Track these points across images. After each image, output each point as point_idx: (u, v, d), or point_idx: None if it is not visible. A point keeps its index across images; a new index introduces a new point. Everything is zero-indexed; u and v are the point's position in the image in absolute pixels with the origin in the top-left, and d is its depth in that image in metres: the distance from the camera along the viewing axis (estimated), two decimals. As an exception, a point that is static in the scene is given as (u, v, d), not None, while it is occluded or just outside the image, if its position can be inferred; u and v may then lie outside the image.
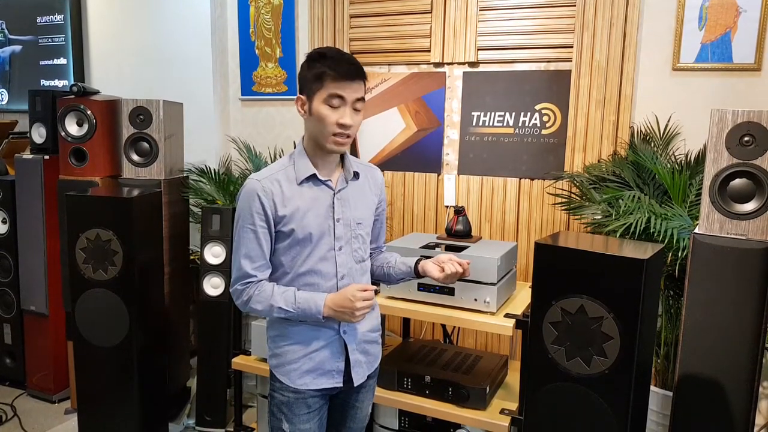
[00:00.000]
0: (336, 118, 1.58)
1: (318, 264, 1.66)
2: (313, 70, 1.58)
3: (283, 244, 1.65)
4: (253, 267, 1.64)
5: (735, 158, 1.84)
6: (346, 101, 1.58)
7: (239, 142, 3.41)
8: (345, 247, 1.70)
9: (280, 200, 1.62)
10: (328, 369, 1.71)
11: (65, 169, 3.12)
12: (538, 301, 1.87)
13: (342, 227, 1.69)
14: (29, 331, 3.36)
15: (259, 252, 1.64)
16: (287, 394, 1.71)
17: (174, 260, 3.04)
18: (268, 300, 1.63)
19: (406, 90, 3.13)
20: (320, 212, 1.66)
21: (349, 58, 1.61)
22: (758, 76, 2.48)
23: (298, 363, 1.69)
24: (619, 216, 2.27)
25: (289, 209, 1.62)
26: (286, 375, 1.70)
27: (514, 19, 2.84)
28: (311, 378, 1.70)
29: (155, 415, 2.83)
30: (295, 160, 1.68)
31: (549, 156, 2.86)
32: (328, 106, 1.57)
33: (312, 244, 1.65)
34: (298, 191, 1.64)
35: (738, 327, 1.83)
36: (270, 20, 3.42)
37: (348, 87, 1.57)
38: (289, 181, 1.65)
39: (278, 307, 1.62)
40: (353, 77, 1.58)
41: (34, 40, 3.96)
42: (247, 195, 1.62)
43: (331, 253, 1.68)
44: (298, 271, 1.66)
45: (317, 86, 1.57)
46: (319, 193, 1.67)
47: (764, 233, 1.82)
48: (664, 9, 2.60)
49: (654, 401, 2.33)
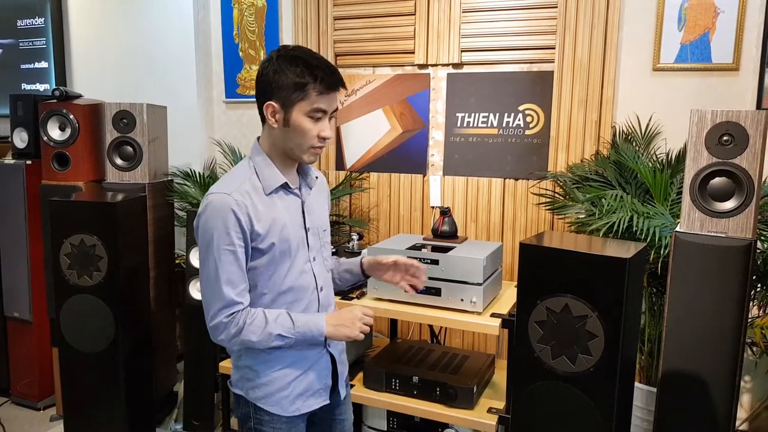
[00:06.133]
0: (317, 131, 1.47)
1: (298, 279, 1.55)
2: (292, 78, 1.43)
3: (259, 262, 1.50)
4: (236, 293, 1.47)
5: (714, 157, 1.87)
6: (327, 113, 1.49)
7: (224, 144, 3.40)
8: (317, 257, 1.62)
9: (254, 214, 1.46)
10: (317, 388, 1.63)
11: (48, 173, 3.09)
12: (523, 301, 1.89)
13: (312, 237, 1.60)
14: (13, 338, 3.32)
15: (240, 275, 1.47)
16: (279, 425, 1.58)
17: (159, 264, 3.03)
18: (264, 328, 1.47)
19: (391, 92, 3.14)
20: (294, 223, 1.55)
21: (333, 67, 1.49)
22: (736, 76, 2.53)
23: (289, 388, 1.57)
24: (602, 215, 2.29)
25: (266, 224, 1.48)
26: (277, 404, 1.57)
27: (497, 20, 2.86)
28: (302, 401, 1.60)
29: (142, 420, 2.81)
30: (257, 168, 1.52)
31: (533, 156, 2.88)
32: (310, 119, 1.46)
33: (291, 258, 1.53)
34: (269, 202, 1.51)
35: (719, 323, 1.86)
36: (253, 22, 3.41)
37: (333, 99, 1.48)
38: (257, 192, 1.49)
39: (277, 334, 1.48)
40: (337, 88, 1.48)
41: (15, 43, 3.91)
42: (218, 212, 1.43)
43: (308, 265, 1.58)
44: (280, 290, 1.54)
45: (298, 97, 1.44)
46: (289, 203, 1.55)
47: (744, 231, 1.85)
48: (644, 10, 2.64)
49: (638, 397, 2.36)
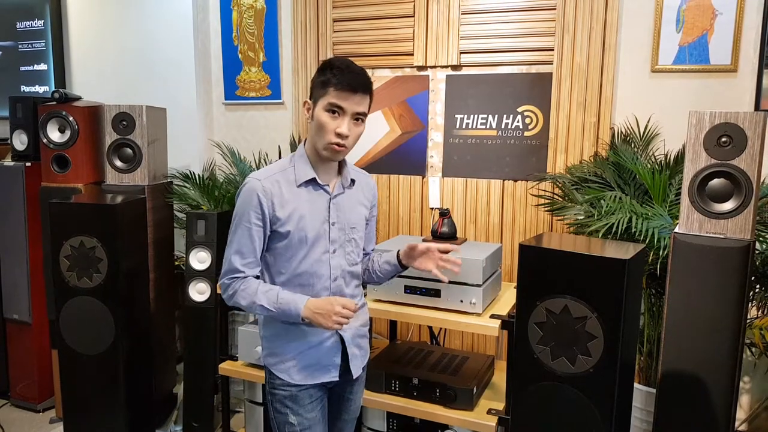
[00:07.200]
0: (334, 127, 1.61)
1: (313, 266, 1.70)
2: (321, 78, 1.62)
3: (279, 245, 1.69)
4: (242, 263, 1.67)
5: (713, 159, 1.88)
6: (346, 112, 1.61)
7: (223, 146, 3.40)
8: (338, 250, 1.74)
9: (278, 201, 1.65)
10: (325, 364, 1.76)
11: (47, 176, 3.09)
12: (523, 302, 1.89)
13: (337, 231, 1.73)
14: (12, 340, 3.32)
15: (251, 248, 1.67)
16: (289, 388, 1.75)
17: (159, 266, 3.03)
18: (252, 297, 1.66)
19: (390, 93, 3.15)
20: (316, 216, 1.70)
21: (356, 69, 1.63)
22: (734, 77, 2.53)
23: (295, 360, 1.74)
24: (601, 216, 2.30)
25: (287, 211, 1.65)
26: (285, 372, 1.74)
27: (495, 22, 2.87)
28: (308, 373, 1.74)
29: (142, 422, 2.81)
30: (295, 163, 1.71)
31: (531, 157, 2.89)
32: (329, 114, 1.61)
33: (307, 246, 1.68)
34: (297, 194, 1.68)
35: (718, 324, 1.86)
36: (253, 24, 3.42)
37: (349, 99, 1.60)
38: (288, 183, 1.68)
39: (260, 305, 1.66)
40: (355, 90, 1.60)
41: (14, 45, 3.91)
42: (246, 193, 1.65)
43: (326, 256, 1.72)
44: (295, 272, 1.70)
45: (321, 93, 1.62)
46: (316, 197, 1.70)
47: (742, 232, 1.86)
48: (642, 12, 2.64)
49: (638, 398, 2.36)
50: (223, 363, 2.72)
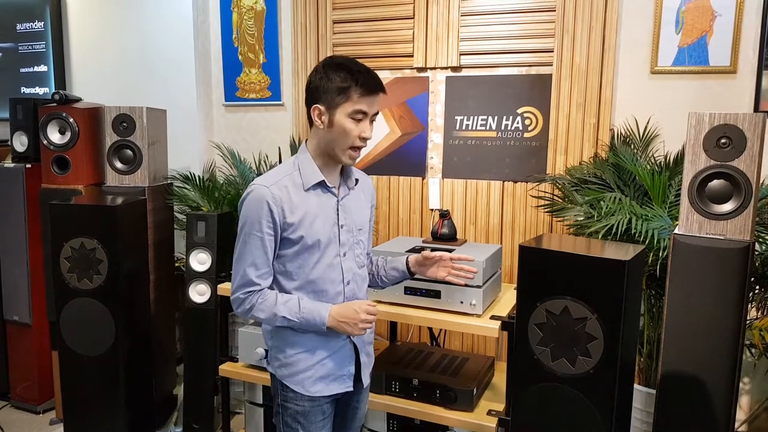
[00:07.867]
0: (358, 132, 1.60)
1: (326, 271, 1.67)
2: (336, 83, 1.58)
3: (290, 251, 1.64)
4: (257, 275, 1.63)
5: (712, 160, 1.88)
6: (368, 115, 1.61)
7: (223, 148, 3.40)
8: (348, 252, 1.72)
9: (288, 207, 1.60)
10: (340, 374, 1.73)
11: (48, 177, 3.10)
12: (523, 303, 1.89)
13: (346, 233, 1.71)
14: (12, 341, 3.32)
15: (265, 260, 1.62)
16: (302, 403, 1.70)
17: (159, 268, 3.03)
18: (272, 309, 1.62)
19: (390, 95, 3.15)
20: (326, 219, 1.66)
21: (371, 71, 1.63)
22: (734, 79, 2.54)
23: (311, 371, 1.69)
24: (601, 217, 2.30)
25: (297, 216, 1.61)
26: (300, 384, 1.70)
27: (495, 24, 2.88)
28: (324, 384, 1.71)
29: (142, 423, 2.81)
30: (300, 166, 1.66)
31: (531, 159, 2.89)
32: (352, 120, 1.59)
33: (320, 251, 1.65)
34: (305, 198, 1.64)
35: (718, 325, 1.86)
36: (253, 26, 3.42)
37: (373, 102, 1.61)
38: (296, 187, 1.63)
39: (282, 316, 1.62)
40: (377, 92, 1.61)
41: (14, 47, 3.91)
42: (255, 201, 1.59)
43: (337, 260, 1.69)
44: (308, 278, 1.66)
45: (341, 99, 1.58)
46: (325, 200, 1.67)
47: (742, 233, 1.86)
48: (641, 13, 2.65)
49: (638, 399, 2.36)
50: (223, 364, 2.72)
